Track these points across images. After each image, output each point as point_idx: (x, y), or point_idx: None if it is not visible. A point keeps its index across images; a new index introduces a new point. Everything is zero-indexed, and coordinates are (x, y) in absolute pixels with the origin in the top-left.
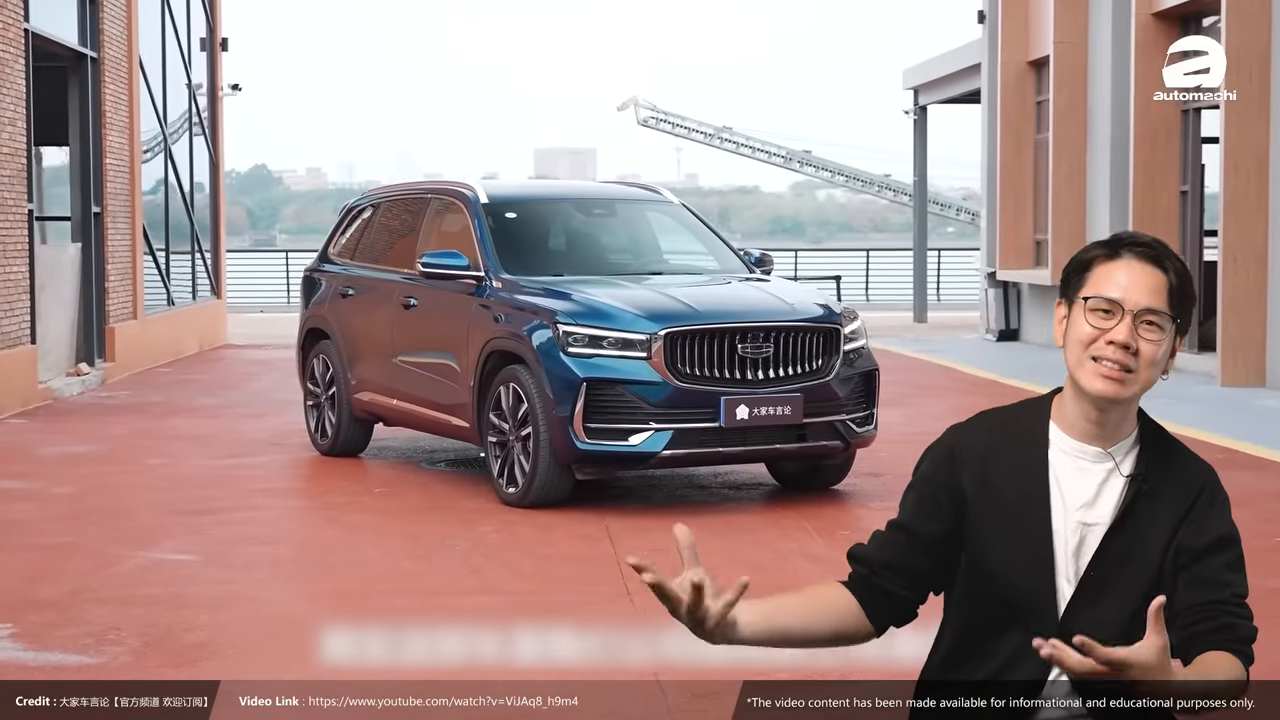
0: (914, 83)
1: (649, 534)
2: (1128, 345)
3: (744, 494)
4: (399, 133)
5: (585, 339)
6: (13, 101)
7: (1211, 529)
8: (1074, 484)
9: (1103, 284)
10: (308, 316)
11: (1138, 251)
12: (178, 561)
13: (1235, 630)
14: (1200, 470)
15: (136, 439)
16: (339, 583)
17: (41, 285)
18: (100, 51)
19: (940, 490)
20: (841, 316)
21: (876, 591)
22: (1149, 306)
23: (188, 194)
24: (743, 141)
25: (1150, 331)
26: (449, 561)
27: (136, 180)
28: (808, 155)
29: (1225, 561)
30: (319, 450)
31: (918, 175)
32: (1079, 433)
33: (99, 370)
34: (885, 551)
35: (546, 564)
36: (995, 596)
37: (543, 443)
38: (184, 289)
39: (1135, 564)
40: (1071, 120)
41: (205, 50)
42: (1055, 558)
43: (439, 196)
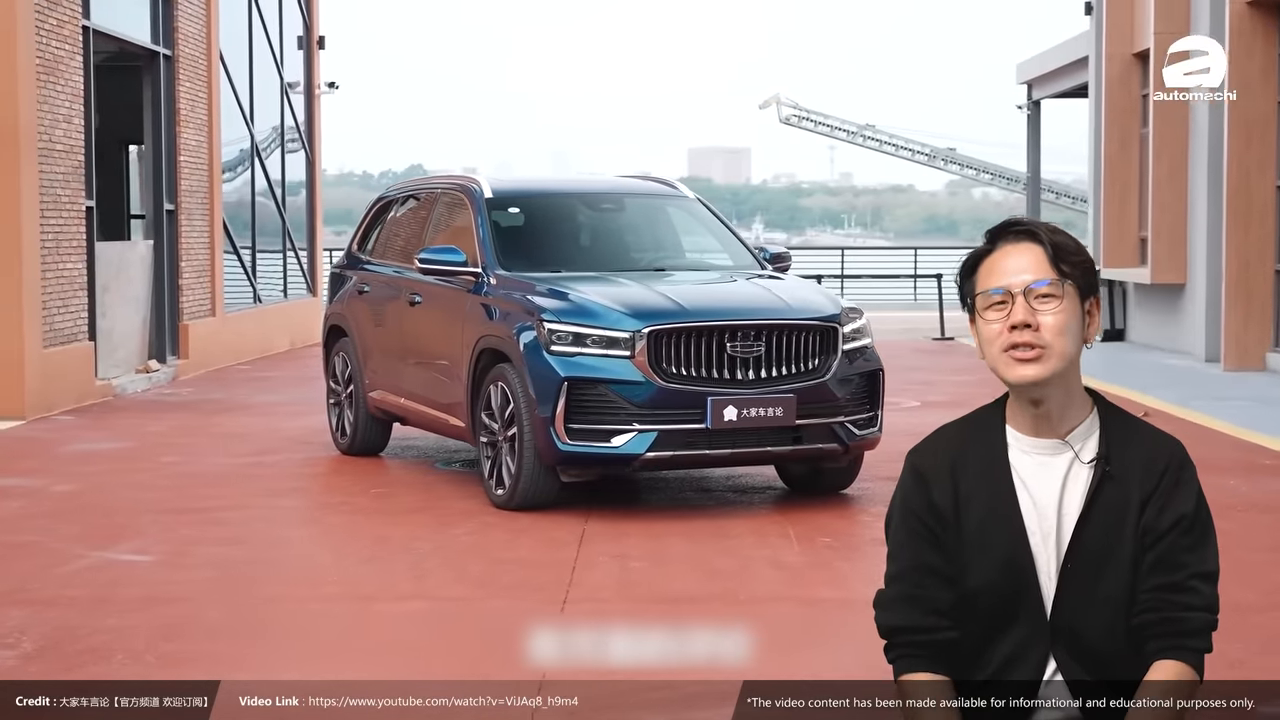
0: (1027, 76)
1: (625, 539)
2: (1027, 323)
3: (745, 498)
4: (552, 133)
5: (569, 337)
6: (69, 99)
7: (1175, 507)
8: (1039, 481)
9: (988, 278)
10: (329, 314)
11: (1009, 236)
12: (128, 562)
13: (1183, 623)
14: (1165, 446)
15: (168, 436)
16: (276, 586)
17: (106, 283)
18: (175, 49)
19: (925, 515)
20: (841, 315)
21: (948, 648)
22: (1033, 279)
23: (280, 193)
24: (885, 139)
25: (1046, 304)
26: (399, 565)
27: (216, 178)
28: (951, 153)
29: (1187, 543)
30: (339, 449)
31: (1030, 170)
32: (1030, 428)
33: (170, 367)
34: (920, 607)
35: (499, 569)
36: (983, 609)
37: (527, 444)
38: (274, 287)
39: (1111, 549)
40: (1172, 114)
41: (302, 49)
42: (1035, 559)
43: (447, 191)
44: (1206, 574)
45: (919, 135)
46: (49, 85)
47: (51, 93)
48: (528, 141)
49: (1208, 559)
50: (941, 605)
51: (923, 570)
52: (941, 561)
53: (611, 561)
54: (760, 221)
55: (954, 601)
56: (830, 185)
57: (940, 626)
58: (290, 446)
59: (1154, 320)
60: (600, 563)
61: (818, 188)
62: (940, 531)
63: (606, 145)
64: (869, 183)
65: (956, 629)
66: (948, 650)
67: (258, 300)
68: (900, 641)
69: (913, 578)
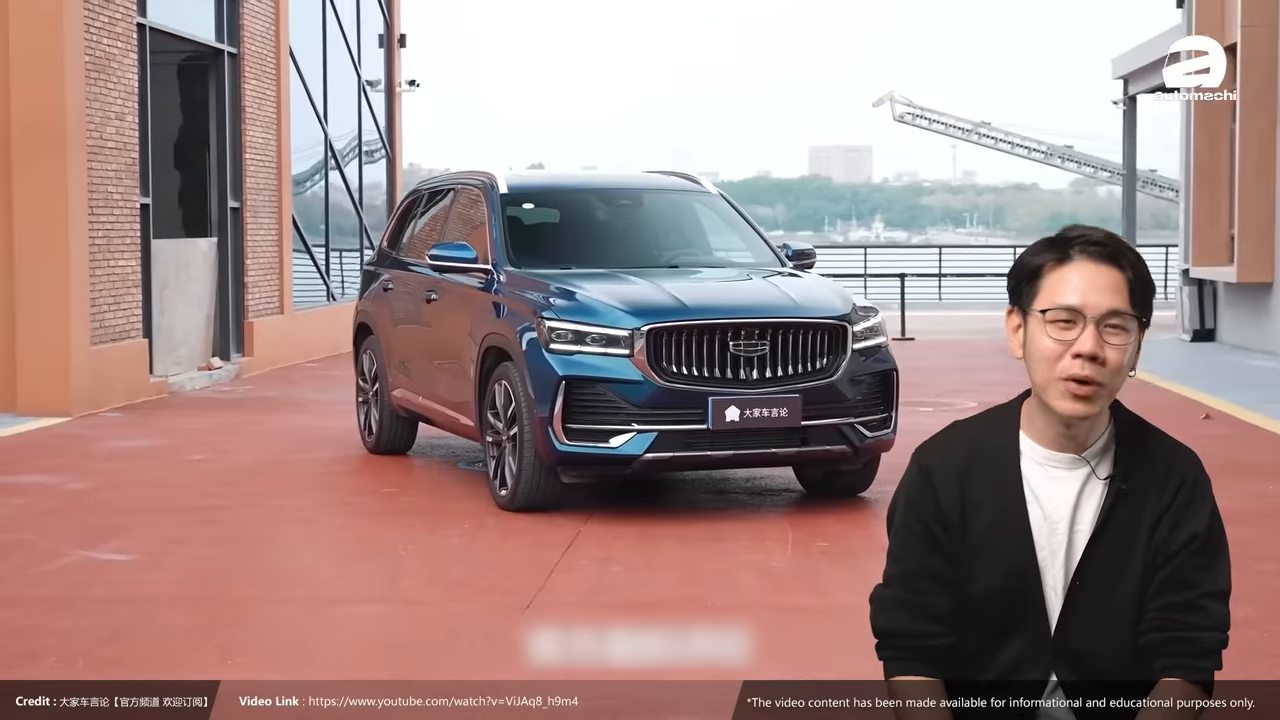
0: (1123, 71)
1: (616, 541)
2: (1095, 356)
3: (756, 500)
4: (671, 131)
5: (569, 335)
6: (122, 96)
7: (1188, 525)
8: (1052, 495)
9: (1058, 292)
10: (357, 311)
11: (1090, 251)
12: (105, 562)
13: (1192, 644)
14: (1181, 461)
15: (204, 434)
16: (242, 588)
17: (165, 280)
18: (240, 47)
19: (930, 518)
20: (852, 314)
21: (943, 653)
22: (1112, 309)
23: (357, 192)
24: (1000, 137)
25: (1115, 335)
26: (378, 567)
27: (285, 176)
28: (1069, 150)
29: (1199, 561)
30: (366, 448)
31: (1126, 166)
32: (1050, 442)
33: (233, 365)
34: (916, 612)
35: (477, 571)
36: (984, 617)
37: (527, 444)
38: (350, 286)
39: (1121, 569)
40: (1259, 110)
41: (383, 47)
42: (1041, 573)
43: (466, 187)
44: (1218, 593)
45: (1033, 132)
46: (99, 83)
47: (102, 90)
48: (647, 141)
49: (1219, 577)
50: (938, 612)
51: (922, 575)
52: (943, 566)
53: (593, 565)
54: (879, 220)
55: (952, 608)
56: (952, 184)
57: (935, 633)
58: (323, 445)
59: (1243, 320)
60: (580, 566)
61: (940, 186)
62: (944, 536)
63: (726, 143)
64: (992, 181)
65: (952, 636)
66: (941, 655)
67: (331, 299)
68: (892, 645)
69: (911, 582)
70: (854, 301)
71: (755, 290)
